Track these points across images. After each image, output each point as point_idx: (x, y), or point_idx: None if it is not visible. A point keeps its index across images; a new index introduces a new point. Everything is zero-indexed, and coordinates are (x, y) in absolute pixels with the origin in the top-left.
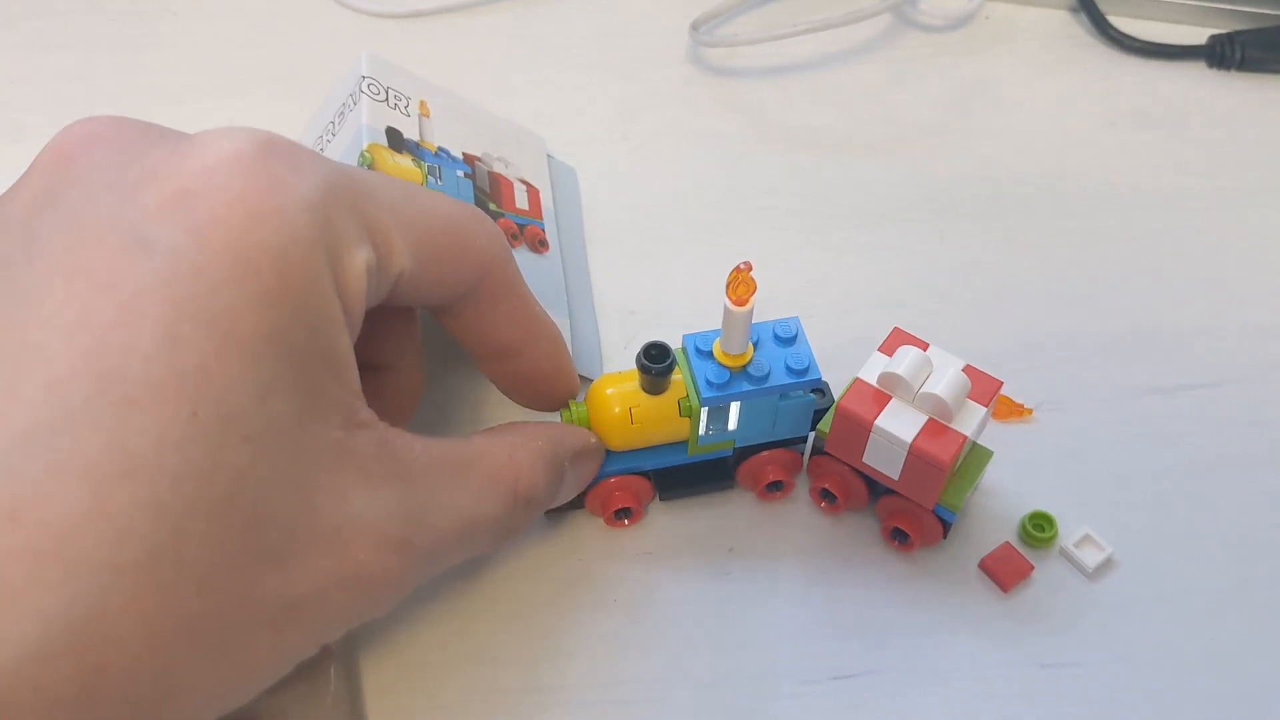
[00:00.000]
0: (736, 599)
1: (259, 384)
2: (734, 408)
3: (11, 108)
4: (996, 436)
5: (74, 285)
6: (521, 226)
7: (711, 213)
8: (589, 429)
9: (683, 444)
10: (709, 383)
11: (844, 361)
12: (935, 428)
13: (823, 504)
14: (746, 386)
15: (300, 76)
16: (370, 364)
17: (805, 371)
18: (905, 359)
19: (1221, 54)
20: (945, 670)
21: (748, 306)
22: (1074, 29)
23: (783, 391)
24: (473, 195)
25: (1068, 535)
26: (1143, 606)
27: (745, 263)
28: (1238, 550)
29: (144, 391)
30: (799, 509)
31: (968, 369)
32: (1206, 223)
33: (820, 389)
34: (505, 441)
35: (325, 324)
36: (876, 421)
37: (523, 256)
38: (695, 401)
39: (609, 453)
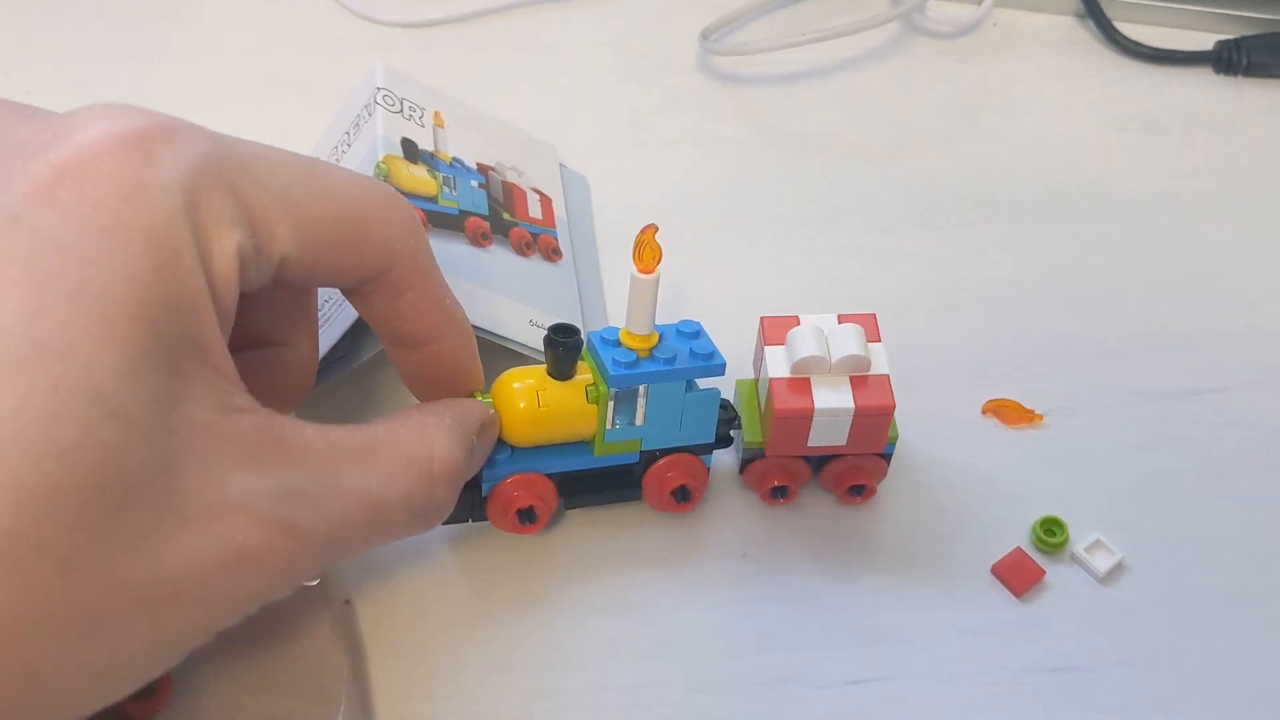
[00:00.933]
0: (750, 604)
1: (126, 361)
2: (641, 398)
3: None
4: (1006, 441)
5: None
6: (535, 235)
7: (722, 219)
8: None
9: (588, 447)
10: (616, 362)
11: None
12: (860, 382)
13: (780, 501)
14: (654, 368)
15: (315, 85)
16: (262, 340)
17: (710, 357)
18: (805, 340)
19: (1228, 60)
20: (958, 674)
21: (654, 274)
22: (1081, 35)
23: (689, 376)
24: (487, 205)
25: (1078, 540)
26: (1153, 610)
27: (650, 225)
28: (1248, 554)
29: (2, 366)
30: (810, 515)
31: (843, 318)
32: (1215, 227)
33: (723, 406)
34: (414, 421)
35: (193, 307)
36: (817, 407)
37: (537, 265)
38: (603, 385)
39: (512, 452)
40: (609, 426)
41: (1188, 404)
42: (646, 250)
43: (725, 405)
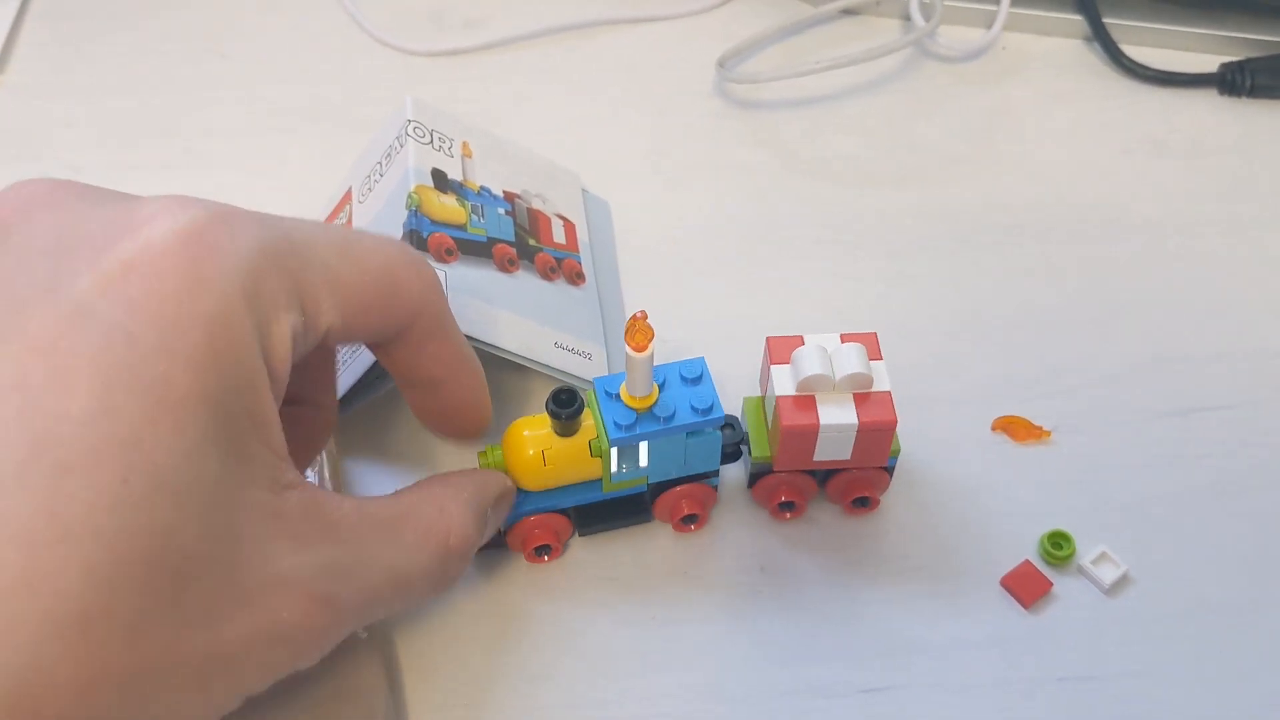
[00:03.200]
0: (767, 616)
1: (188, 448)
2: (643, 446)
3: (67, 149)
4: (1015, 457)
5: (8, 348)
6: (560, 260)
7: (739, 243)
8: (503, 471)
9: (598, 482)
10: (616, 424)
11: None
12: (864, 398)
13: (788, 515)
14: (652, 427)
15: (346, 114)
16: (289, 399)
17: (709, 410)
18: (810, 360)
19: (1232, 81)
20: (968, 684)
21: (647, 352)
22: (1089, 58)
23: (687, 431)
24: (514, 232)
25: (1085, 553)
26: (1158, 622)
27: (641, 312)
28: (1251, 568)
29: (77, 457)
30: (824, 529)
31: (846, 338)
32: (1220, 247)
33: (731, 424)
34: (434, 495)
35: (252, 389)
36: (822, 423)
37: (562, 290)
38: (604, 442)
39: (526, 492)
40: (614, 471)
41: (1193, 422)
42: (639, 333)
43: (733, 424)
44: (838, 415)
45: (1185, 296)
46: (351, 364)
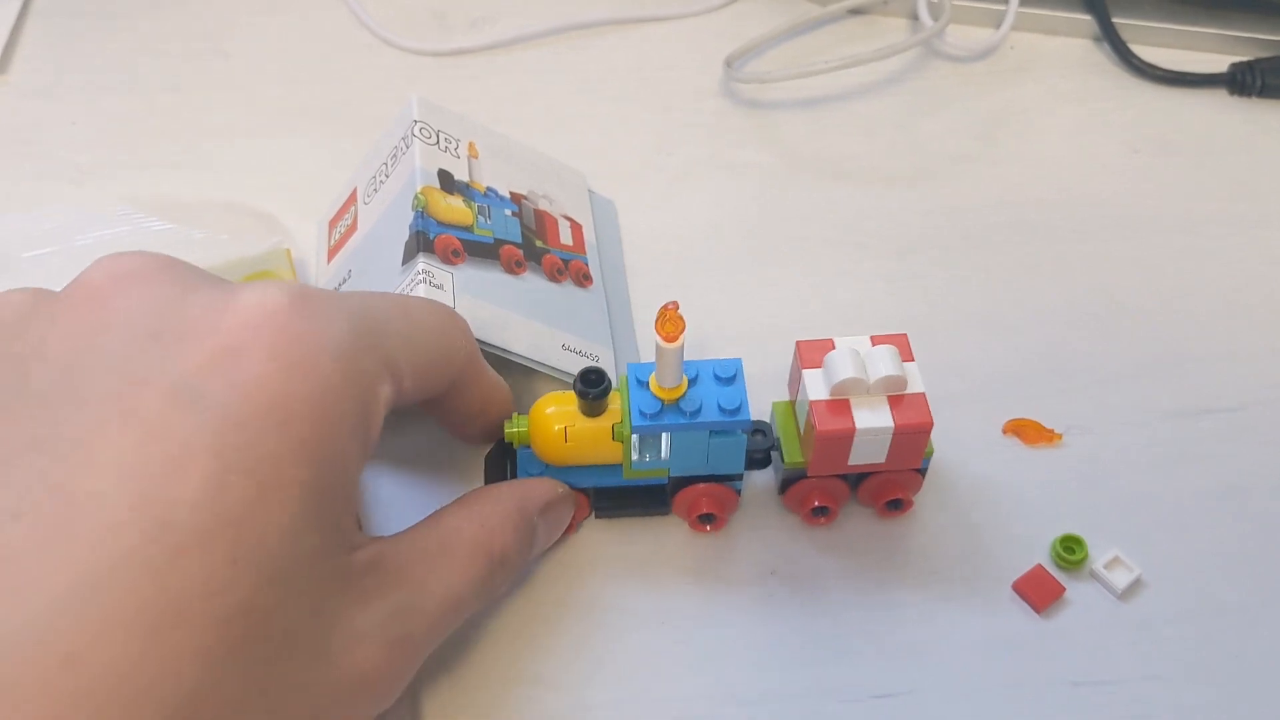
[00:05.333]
0: (780, 619)
1: (291, 527)
2: (664, 437)
3: (71, 148)
4: (1026, 460)
5: (127, 433)
6: (566, 262)
7: (745, 243)
8: (556, 481)
9: (620, 466)
10: (641, 413)
11: None
12: (898, 401)
13: (821, 520)
14: (676, 420)
15: (351, 114)
16: None
17: (736, 411)
18: (843, 363)
19: (1242, 81)
20: (981, 689)
21: (677, 343)
22: (1097, 58)
23: (711, 428)
24: (520, 233)
25: (1097, 557)
26: (1172, 625)
27: (673, 302)
28: (1264, 569)
29: (191, 539)
30: (838, 533)
31: (876, 339)
32: (1229, 248)
33: (762, 430)
34: (475, 512)
35: (347, 466)
36: (858, 427)
37: (568, 291)
38: (627, 428)
39: (546, 467)
40: (635, 459)
41: (1203, 422)
42: (669, 323)
43: (764, 430)
44: (873, 419)
45: (1195, 296)
46: None
